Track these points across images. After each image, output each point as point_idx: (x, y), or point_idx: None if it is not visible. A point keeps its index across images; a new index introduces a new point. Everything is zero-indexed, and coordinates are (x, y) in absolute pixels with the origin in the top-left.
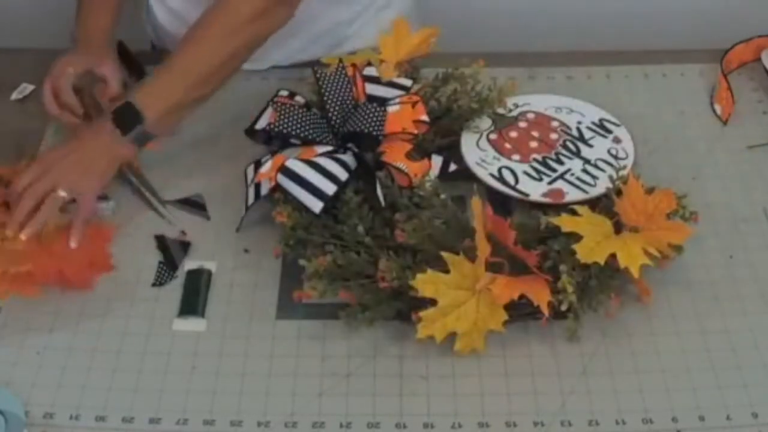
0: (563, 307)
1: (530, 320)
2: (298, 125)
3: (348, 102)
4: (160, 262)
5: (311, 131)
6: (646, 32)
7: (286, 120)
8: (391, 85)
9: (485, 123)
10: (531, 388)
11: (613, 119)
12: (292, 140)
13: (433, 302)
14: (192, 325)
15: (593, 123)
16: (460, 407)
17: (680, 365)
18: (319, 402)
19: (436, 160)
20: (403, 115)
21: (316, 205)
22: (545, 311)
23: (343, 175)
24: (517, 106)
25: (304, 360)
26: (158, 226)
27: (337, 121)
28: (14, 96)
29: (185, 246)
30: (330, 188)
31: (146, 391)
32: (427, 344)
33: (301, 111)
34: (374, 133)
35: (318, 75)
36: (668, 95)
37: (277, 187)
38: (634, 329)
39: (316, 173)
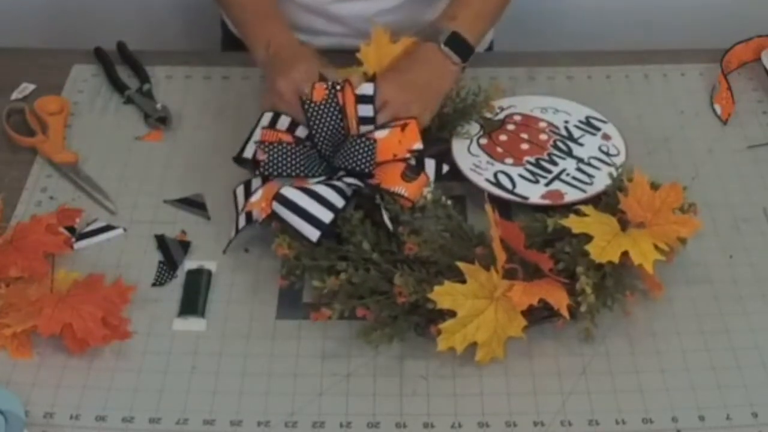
0: (582, 309)
1: (547, 324)
2: (288, 165)
3: (338, 132)
4: (160, 262)
5: (302, 169)
6: (646, 32)
7: (274, 162)
8: None
9: (474, 128)
10: (531, 388)
11: (599, 116)
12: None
13: (450, 313)
14: (192, 325)
15: (580, 121)
16: (460, 407)
17: (680, 365)
18: (319, 402)
19: (429, 164)
20: (392, 141)
21: (313, 234)
22: (565, 314)
23: (339, 203)
24: (502, 108)
25: (304, 360)
26: (158, 226)
27: (328, 151)
28: (14, 96)
29: (185, 246)
30: (327, 216)
31: (146, 391)
32: (427, 344)
33: (288, 148)
34: (366, 170)
35: (306, 106)
36: (668, 95)
37: (271, 216)
38: (634, 329)
39: (312, 201)
